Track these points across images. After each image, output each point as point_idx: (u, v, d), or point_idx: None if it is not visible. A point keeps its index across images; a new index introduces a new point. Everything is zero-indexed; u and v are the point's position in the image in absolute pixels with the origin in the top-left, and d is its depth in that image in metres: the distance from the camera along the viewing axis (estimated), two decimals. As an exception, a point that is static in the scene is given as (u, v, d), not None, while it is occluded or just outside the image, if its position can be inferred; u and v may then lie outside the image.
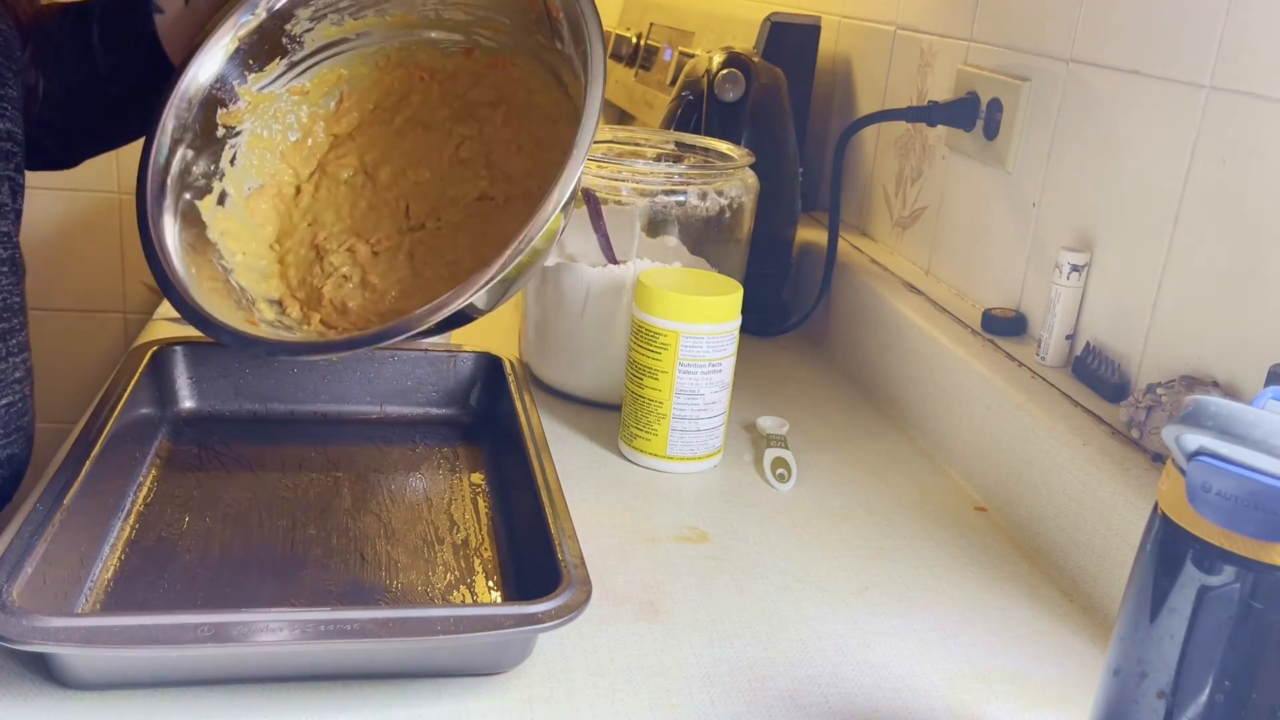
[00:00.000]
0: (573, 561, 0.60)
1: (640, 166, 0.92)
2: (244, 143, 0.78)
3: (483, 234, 0.77)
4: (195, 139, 0.75)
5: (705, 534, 0.74)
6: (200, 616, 0.52)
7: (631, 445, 0.83)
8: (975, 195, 0.95)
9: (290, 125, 0.80)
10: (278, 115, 0.80)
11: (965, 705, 0.59)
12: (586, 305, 0.88)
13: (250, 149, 0.79)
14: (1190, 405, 0.41)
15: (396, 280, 0.76)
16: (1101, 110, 0.78)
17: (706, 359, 0.79)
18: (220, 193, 0.77)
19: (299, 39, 0.78)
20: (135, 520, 0.70)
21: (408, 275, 0.76)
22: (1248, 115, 0.65)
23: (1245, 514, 0.40)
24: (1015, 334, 0.87)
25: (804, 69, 1.18)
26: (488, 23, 0.78)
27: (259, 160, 0.79)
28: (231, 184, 0.78)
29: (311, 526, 0.71)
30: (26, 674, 0.55)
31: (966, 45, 0.96)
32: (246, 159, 0.78)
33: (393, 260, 0.77)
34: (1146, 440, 0.69)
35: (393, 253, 0.77)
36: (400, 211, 0.79)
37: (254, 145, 0.79)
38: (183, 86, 0.74)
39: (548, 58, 0.76)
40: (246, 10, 0.75)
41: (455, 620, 0.54)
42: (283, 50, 0.78)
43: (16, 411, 0.72)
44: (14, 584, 0.54)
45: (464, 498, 0.77)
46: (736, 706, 0.57)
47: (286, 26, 0.77)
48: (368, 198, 0.80)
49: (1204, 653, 0.43)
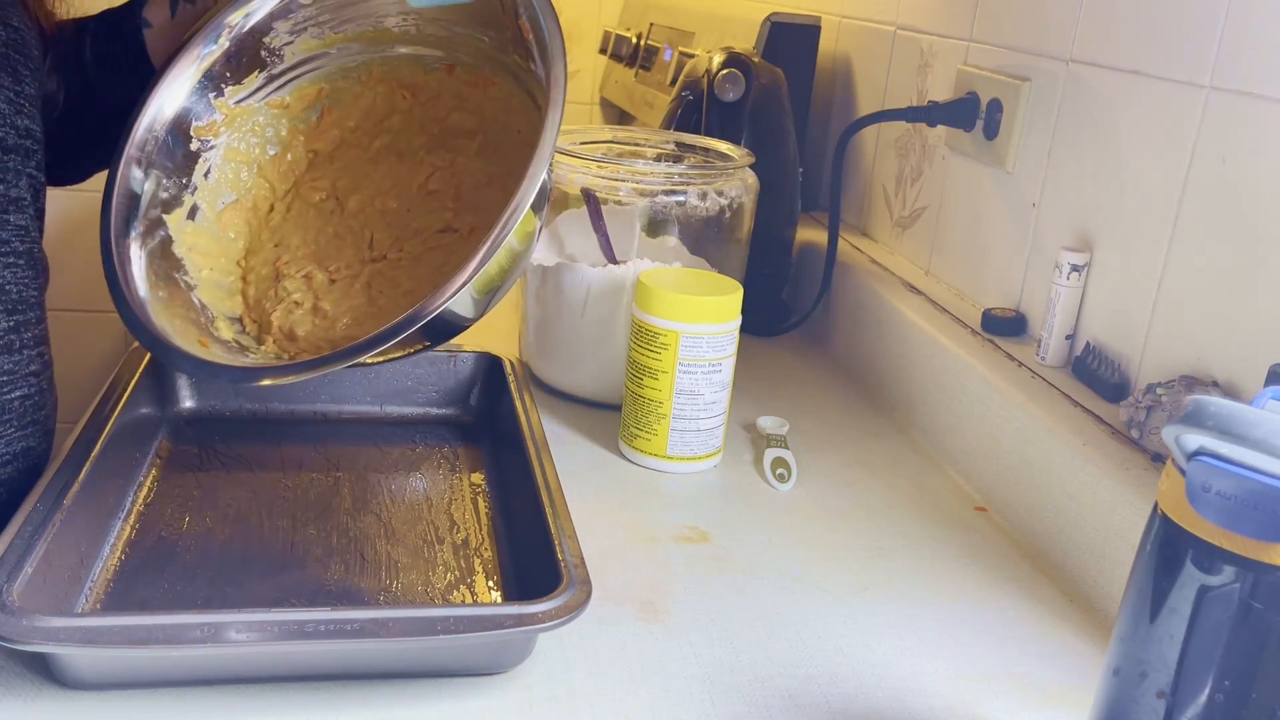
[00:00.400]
0: (573, 561, 0.60)
1: (640, 166, 0.92)
2: (219, 156, 0.77)
3: (442, 266, 0.75)
4: (165, 160, 0.74)
5: (705, 534, 0.74)
6: (200, 616, 0.53)
7: (631, 445, 0.83)
8: (975, 195, 0.95)
9: (269, 139, 0.79)
10: (255, 129, 0.79)
11: (965, 705, 0.59)
12: (586, 305, 0.88)
13: (226, 161, 0.78)
14: (1190, 405, 0.41)
15: (350, 308, 0.74)
16: (1101, 110, 0.78)
17: (706, 359, 0.79)
18: (191, 206, 0.76)
19: (279, 52, 0.77)
20: (135, 520, 0.70)
21: (362, 303, 0.75)
22: (1248, 115, 0.65)
23: (1245, 514, 0.40)
24: (1015, 334, 0.87)
25: (804, 69, 1.18)
26: (467, 40, 0.77)
27: (234, 173, 0.78)
28: (204, 198, 0.77)
29: (311, 526, 0.71)
30: (26, 674, 0.55)
31: (966, 45, 0.96)
32: (221, 172, 0.77)
33: (348, 288, 0.75)
34: (1146, 440, 0.69)
35: (350, 281, 0.76)
36: (364, 240, 0.78)
37: (230, 158, 0.78)
38: (149, 113, 0.73)
39: (524, 79, 0.75)
40: (210, 39, 0.74)
41: (455, 620, 0.54)
42: (261, 63, 0.77)
43: (33, 404, 0.73)
44: (14, 584, 0.54)
45: (464, 498, 0.77)
46: (736, 706, 0.57)
47: (265, 40, 0.76)
48: (334, 225, 0.78)
49: (1204, 653, 0.43)
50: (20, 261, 0.72)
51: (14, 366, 0.71)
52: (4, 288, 0.71)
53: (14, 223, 0.71)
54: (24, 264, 0.73)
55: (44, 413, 0.75)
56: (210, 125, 0.76)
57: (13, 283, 0.72)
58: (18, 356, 0.72)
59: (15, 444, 0.72)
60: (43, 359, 0.75)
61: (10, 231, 0.71)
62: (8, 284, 0.71)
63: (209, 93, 0.76)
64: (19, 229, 0.72)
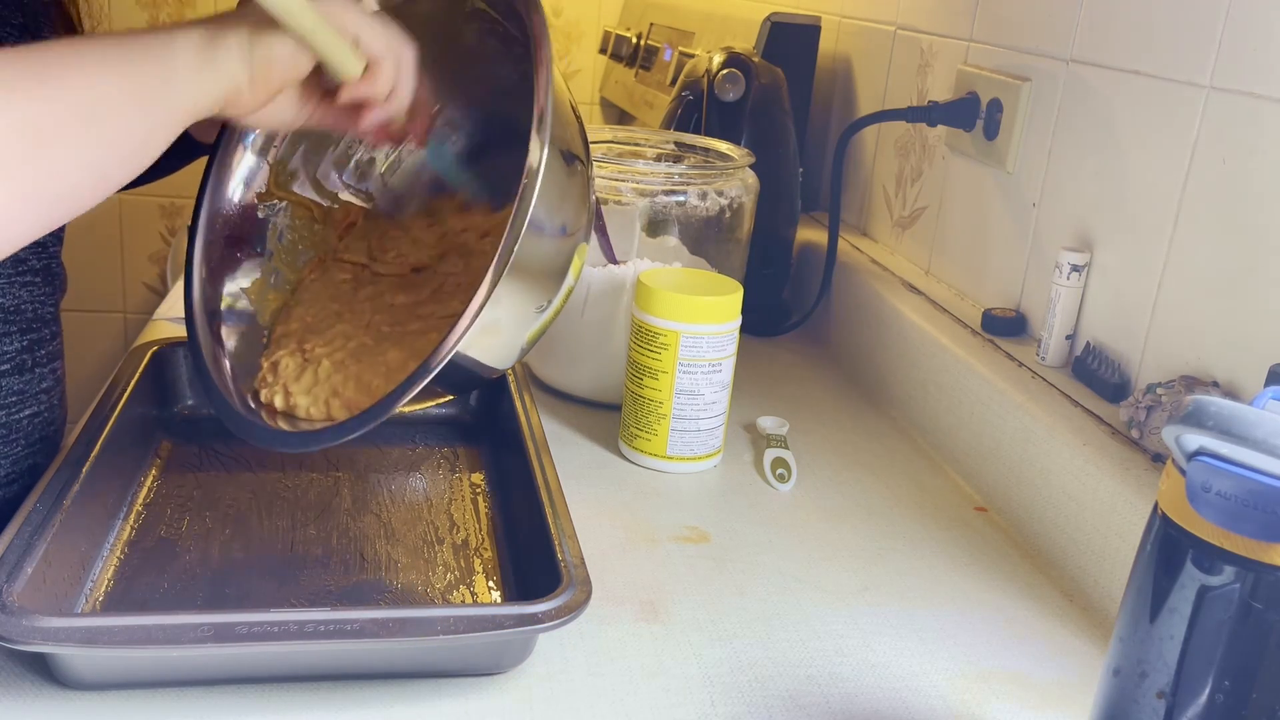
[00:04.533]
0: (573, 561, 0.60)
1: (640, 166, 0.92)
2: (285, 217, 0.74)
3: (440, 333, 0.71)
4: (232, 247, 0.72)
5: (705, 534, 0.74)
6: (200, 616, 0.52)
7: (631, 445, 0.83)
8: (975, 195, 0.95)
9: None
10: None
11: (965, 705, 0.59)
12: (586, 305, 0.88)
13: (293, 218, 0.75)
14: (1190, 405, 0.41)
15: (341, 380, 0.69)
16: (1101, 110, 0.78)
17: (706, 359, 0.79)
18: (272, 273, 0.73)
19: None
20: (135, 520, 0.70)
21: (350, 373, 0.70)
22: (1248, 115, 0.65)
23: (1245, 514, 0.40)
24: (1015, 334, 0.87)
25: (804, 69, 1.18)
26: None
27: (306, 230, 0.75)
28: (283, 262, 0.74)
29: (311, 526, 0.71)
30: (26, 674, 0.55)
31: (966, 45, 0.96)
32: (294, 231, 0.75)
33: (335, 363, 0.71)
34: (1146, 440, 0.69)
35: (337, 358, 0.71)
36: (363, 325, 0.72)
37: (297, 214, 0.75)
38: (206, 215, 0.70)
39: None
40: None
41: (455, 620, 0.54)
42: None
43: (43, 421, 0.73)
44: (14, 584, 0.54)
45: (464, 498, 0.77)
46: (736, 706, 0.57)
47: None
48: (343, 300, 0.75)
49: (1204, 653, 0.43)
50: (37, 279, 0.72)
51: (25, 386, 0.71)
52: (20, 308, 0.70)
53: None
54: (40, 281, 0.72)
55: (53, 428, 0.75)
56: (269, 191, 0.74)
57: (29, 301, 0.71)
58: (29, 375, 0.71)
59: (22, 462, 0.72)
60: (55, 374, 0.74)
61: (28, 249, 0.71)
62: (24, 304, 0.71)
63: (264, 159, 0.73)
64: (37, 246, 0.72)
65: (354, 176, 0.77)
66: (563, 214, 0.62)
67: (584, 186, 0.64)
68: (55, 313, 0.75)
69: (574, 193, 0.63)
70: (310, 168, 0.76)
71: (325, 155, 0.76)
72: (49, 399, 0.73)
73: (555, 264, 0.62)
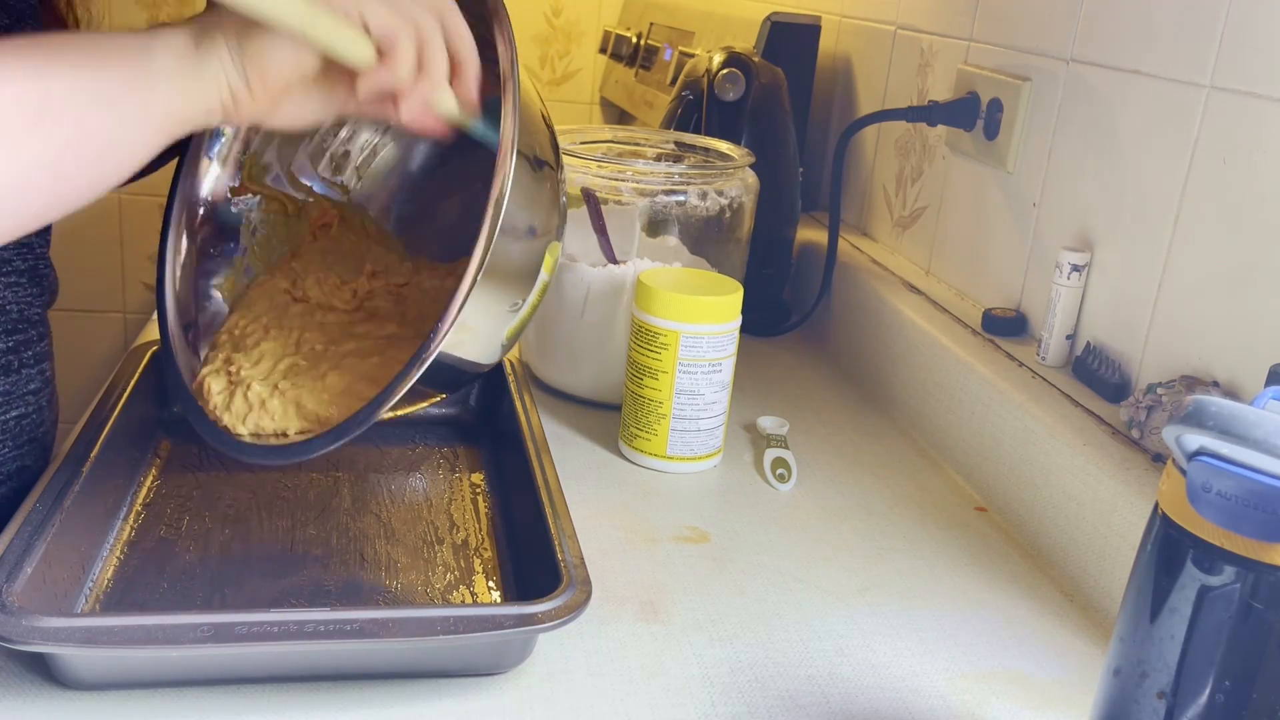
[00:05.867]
0: (573, 561, 0.60)
1: (640, 166, 0.92)
2: (259, 211, 0.73)
3: (383, 355, 0.68)
4: (207, 244, 0.71)
5: (705, 534, 0.73)
6: (200, 616, 0.52)
7: (631, 445, 0.83)
8: (975, 195, 0.95)
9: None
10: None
11: (965, 705, 0.59)
12: (586, 305, 0.88)
13: (267, 212, 0.74)
14: (1190, 405, 0.40)
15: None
16: (1101, 110, 0.78)
17: (706, 359, 0.79)
18: (245, 268, 0.72)
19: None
20: (135, 520, 0.70)
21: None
22: (1248, 115, 0.65)
23: (1245, 514, 0.40)
24: (1015, 334, 0.87)
25: (804, 69, 1.18)
26: None
27: (280, 224, 0.74)
28: (256, 257, 0.73)
29: (311, 526, 0.71)
30: (26, 674, 0.55)
31: (966, 45, 0.96)
32: (268, 226, 0.74)
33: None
34: (1146, 440, 0.69)
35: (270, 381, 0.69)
36: (293, 343, 0.70)
37: (270, 208, 0.74)
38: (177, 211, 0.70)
39: None
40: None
41: (455, 620, 0.54)
42: None
43: (30, 423, 0.72)
44: (14, 584, 0.54)
45: (464, 498, 0.76)
46: (736, 707, 0.57)
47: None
48: (275, 312, 0.72)
49: (1204, 653, 0.43)
50: (23, 280, 0.72)
51: (11, 387, 0.71)
52: (4, 307, 0.70)
53: (16, 240, 0.70)
54: (26, 282, 0.72)
55: (42, 430, 0.74)
56: (243, 185, 0.73)
57: (14, 302, 0.71)
58: (15, 376, 0.71)
59: (10, 464, 0.71)
60: (43, 376, 0.74)
61: (12, 250, 0.70)
62: (9, 303, 0.70)
63: (231, 174, 0.72)
64: (22, 246, 0.71)
65: (329, 169, 0.76)
66: (532, 217, 0.61)
67: (553, 190, 0.63)
68: (43, 314, 0.74)
69: (543, 197, 0.62)
70: (284, 160, 0.74)
71: (300, 147, 0.75)
72: (37, 400, 0.73)
73: (525, 265, 0.62)
